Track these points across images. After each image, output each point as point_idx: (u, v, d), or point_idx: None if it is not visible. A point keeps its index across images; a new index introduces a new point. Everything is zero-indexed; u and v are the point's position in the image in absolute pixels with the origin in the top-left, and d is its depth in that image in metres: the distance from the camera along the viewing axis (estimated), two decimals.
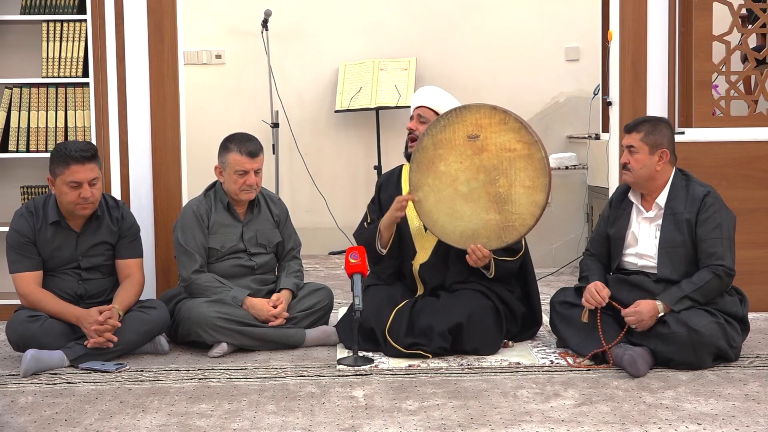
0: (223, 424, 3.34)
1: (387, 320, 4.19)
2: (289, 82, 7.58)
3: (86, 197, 4.13)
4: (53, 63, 4.96)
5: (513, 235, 4.14)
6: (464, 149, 4.15)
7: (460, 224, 4.19)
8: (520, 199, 4.10)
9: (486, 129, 4.12)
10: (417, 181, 4.24)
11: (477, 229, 4.16)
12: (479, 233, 4.16)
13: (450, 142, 4.16)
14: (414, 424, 3.31)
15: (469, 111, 4.15)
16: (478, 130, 4.12)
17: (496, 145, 4.11)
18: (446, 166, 4.18)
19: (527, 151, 4.08)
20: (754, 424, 3.27)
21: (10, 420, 3.41)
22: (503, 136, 4.10)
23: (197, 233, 4.43)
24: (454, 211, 4.19)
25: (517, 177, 4.10)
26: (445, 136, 4.16)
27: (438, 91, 4.52)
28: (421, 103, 4.47)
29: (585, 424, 3.29)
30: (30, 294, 4.17)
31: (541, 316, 4.52)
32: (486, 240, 4.16)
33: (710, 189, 4.12)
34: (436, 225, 4.23)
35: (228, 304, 4.31)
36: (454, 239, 4.21)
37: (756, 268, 4.89)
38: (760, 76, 5.13)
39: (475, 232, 4.17)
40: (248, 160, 4.41)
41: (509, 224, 4.13)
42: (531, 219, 4.12)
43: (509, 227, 4.13)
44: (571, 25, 7.64)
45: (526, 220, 4.12)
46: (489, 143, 4.12)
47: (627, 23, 5.03)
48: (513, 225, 4.13)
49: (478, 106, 4.15)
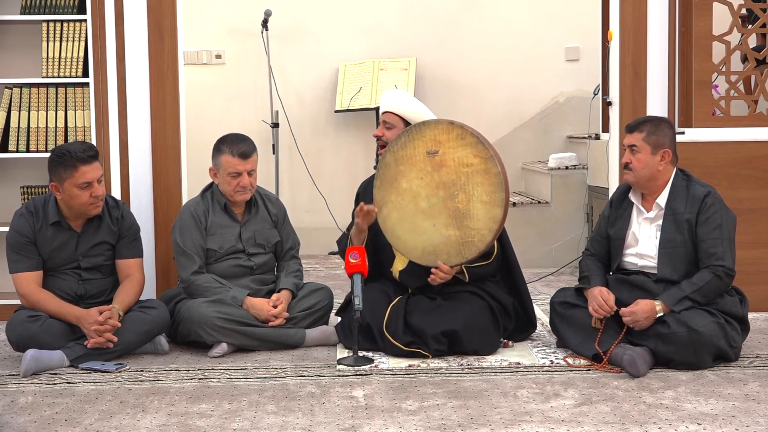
0: (223, 424, 3.34)
1: (383, 317, 4.19)
2: (289, 82, 7.58)
3: (98, 195, 4.16)
4: (53, 63, 4.96)
5: (472, 250, 4.13)
6: (424, 165, 4.14)
7: (421, 240, 4.18)
8: (479, 214, 4.09)
9: (444, 144, 4.11)
10: (381, 198, 4.24)
11: (438, 245, 4.16)
12: (440, 249, 4.16)
13: (411, 158, 4.16)
14: (414, 424, 3.31)
15: (428, 127, 4.14)
16: (437, 146, 4.11)
17: (455, 160, 4.10)
18: (408, 183, 4.17)
19: (484, 166, 4.06)
20: (754, 424, 3.27)
21: (10, 420, 3.41)
22: (461, 151, 4.09)
23: (195, 234, 4.43)
24: (416, 227, 4.18)
25: (475, 192, 4.08)
26: (406, 153, 4.16)
27: (402, 95, 4.50)
28: (386, 108, 4.44)
29: (585, 424, 3.29)
30: (30, 294, 4.17)
31: (535, 318, 4.51)
32: (446, 256, 4.16)
33: (711, 189, 4.12)
34: (399, 241, 4.23)
35: (228, 304, 4.31)
36: (416, 255, 4.21)
37: (756, 268, 4.89)
38: (760, 76, 5.13)
39: (436, 248, 4.16)
40: (240, 162, 4.40)
41: (468, 240, 4.12)
42: (489, 234, 4.10)
43: (468, 243, 4.12)
44: (571, 25, 7.63)
45: (485, 236, 4.10)
46: (447, 158, 4.11)
47: (627, 23, 5.03)
48: (472, 240, 4.11)
49: (436, 121, 4.15)
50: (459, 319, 4.14)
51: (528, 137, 7.72)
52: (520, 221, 6.69)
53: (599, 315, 4.01)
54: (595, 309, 4.02)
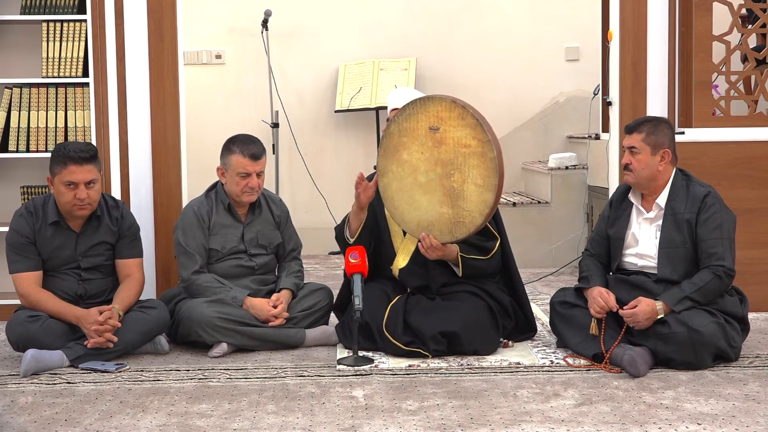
0: (223, 424, 3.34)
1: (383, 316, 4.19)
2: (289, 82, 7.58)
3: (81, 198, 4.12)
4: (53, 63, 4.96)
5: (462, 231, 4.13)
6: (425, 140, 4.15)
7: (416, 214, 4.20)
8: (472, 196, 4.09)
9: (446, 122, 4.11)
10: (383, 166, 4.26)
11: (431, 221, 4.17)
12: (433, 225, 4.17)
13: (413, 131, 4.16)
14: (414, 424, 3.31)
15: (432, 102, 4.14)
16: (439, 122, 4.11)
17: (454, 139, 4.10)
18: (408, 155, 4.18)
19: (481, 149, 4.06)
20: (754, 424, 3.27)
21: (10, 420, 3.41)
22: (460, 131, 4.09)
23: (198, 234, 4.43)
24: (413, 201, 4.20)
25: (470, 174, 4.08)
26: (410, 125, 4.17)
27: (413, 92, 4.51)
28: (395, 104, 4.44)
29: (585, 424, 3.29)
30: (30, 294, 4.17)
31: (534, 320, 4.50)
32: (438, 233, 4.17)
33: (710, 189, 4.12)
34: (397, 211, 4.25)
35: (228, 304, 4.31)
36: (412, 228, 4.24)
37: (756, 268, 4.89)
38: (760, 76, 5.13)
39: (429, 224, 4.18)
40: (251, 163, 4.40)
41: (460, 220, 4.12)
42: (480, 218, 4.10)
43: (459, 223, 4.13)
44: (571, 25, 7.64)
45: (476, 219, 4.11)
46: (447, 137, 4.11)
47: (627, 23, 5.03)
48: (463, 221, 4.12)
49: (441, 98, 4.15)
50: (458, 319, 4.14)
51: (528, 137, 7.72)
52: (520, 221, 6.69)
53: (601, 315, 4.01)
54: (596, 311, 4.02)
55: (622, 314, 3.96)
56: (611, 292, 4.05)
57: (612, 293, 4.04)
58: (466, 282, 4.32)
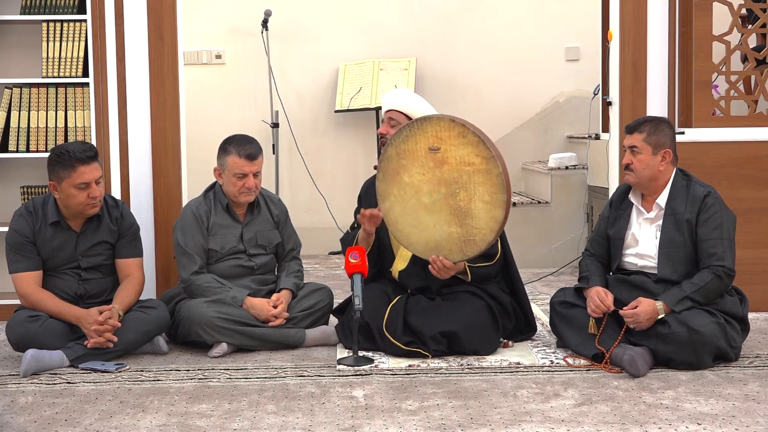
0: (223, 424, 3.34)
1: (383, 317, 4.19)
2: (289, 82, 7.58)
3: (95, 196, 4.14)
4: (53, 63, 4.96)
5: (474, 249, 4.11)
6: (426, 161, 4.11)
7: (424, 235, 4.17)
8: (480, 213, 4.06)
9: (446, 141, 4.07)
10: (383, 190, 4.23)
11: (440, 241, 4.14)
12: (442, 245, 4.14)
13: (413, 152, 4.13)
14: (414, 424, 3.31)
15: (429, 122, 4.10)
16: (439, 143, 4.08)
17: (456, 158, 4.07)
18: (410, 177, 4.15)
19: (485, 166, 4.02)
20: (754, 424, 3.27)
21: (10, 420, 3.41)
22: (462, 150, 4.06)
23: (197, 234, 4.43)
24: (419, 222, 4.17)
25: (477, 191, 4.05)
26: (408, 147, 4.13)
27: (408, 93, 4.49)
28: (391, 106, 4.42)
29: (585, 424, 3.29)
30: (30, 294, 4.17)
31: (534, 321, 4.50)
32: (448, 252, 4.14)
33: (711, 189, 4.12)
34: (402, 234, 4.22)
35: (228, 304, 4.31)
36: (420, 250, 4.20)
37: (756, 268, 4.89)
38: (760, 76, 5.13)
39: (438, 243, 4.15)
40: (247, 163, 4.40)
41: (470, 238, 4.09)
42: (490, 234, 4.07)
43: (470, 241, 4.10)
44: (571, 25, 7.64)
45: (486, 235, 4.08)
46: (449, 156, 4.08)
47: (627, 23, 5.03)
48: (474, 239, 4.09)
49: (439, 117, 4.11)
50: (458, 319, 4.14)
51: (528, 137, 7.72)
52: (520, 221, 6.70)
53: (597, 314, 4.01)
54: (592, 309, 4.02)
55: (622, 315, 3.96)
56: (609, 292, 4.05)
57: (610, 293, 4.04)
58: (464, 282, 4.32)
